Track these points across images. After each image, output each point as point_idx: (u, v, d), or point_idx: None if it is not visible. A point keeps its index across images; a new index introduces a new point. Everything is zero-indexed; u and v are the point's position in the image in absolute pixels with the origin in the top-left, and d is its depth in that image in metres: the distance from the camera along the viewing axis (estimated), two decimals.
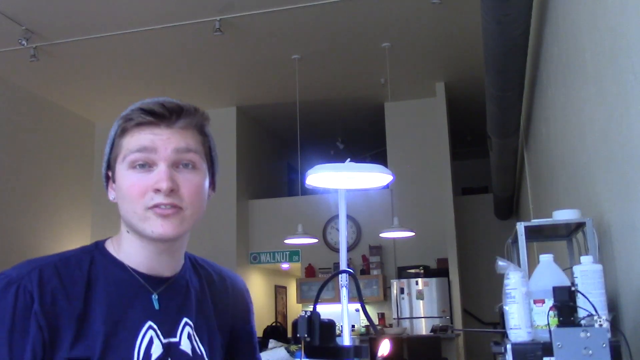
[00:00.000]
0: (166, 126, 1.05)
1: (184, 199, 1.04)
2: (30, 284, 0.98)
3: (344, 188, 1.11)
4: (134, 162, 1.04)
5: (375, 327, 1.01)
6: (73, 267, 1.05)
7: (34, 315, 0.97)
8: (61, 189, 8.56)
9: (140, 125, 1.05)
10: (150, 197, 1.03)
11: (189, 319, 1.12)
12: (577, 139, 2.69)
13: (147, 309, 1.07)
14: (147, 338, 1.04)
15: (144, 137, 1.04)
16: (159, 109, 1.05)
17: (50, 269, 1.02)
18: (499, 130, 5.62)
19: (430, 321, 7.95)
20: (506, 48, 3.84)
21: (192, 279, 1.17)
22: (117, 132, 1.08)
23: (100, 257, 1.09)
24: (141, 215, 1.03)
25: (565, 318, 1.32)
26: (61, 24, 6.38)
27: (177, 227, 1.04)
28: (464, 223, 9.02)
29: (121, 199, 1.06)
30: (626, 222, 1.81)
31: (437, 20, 6.59)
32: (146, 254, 1.08)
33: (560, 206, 2.89)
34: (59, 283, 1.01)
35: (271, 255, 9.17)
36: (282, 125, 9.96)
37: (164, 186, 1.02)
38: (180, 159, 1.05)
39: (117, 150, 1.07)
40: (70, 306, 1.00)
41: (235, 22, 6.45)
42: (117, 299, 1.04)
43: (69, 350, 0.98)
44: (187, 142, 1.06)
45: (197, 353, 1.10)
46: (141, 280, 1.08)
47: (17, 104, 7.89)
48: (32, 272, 1.00)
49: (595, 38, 2.12)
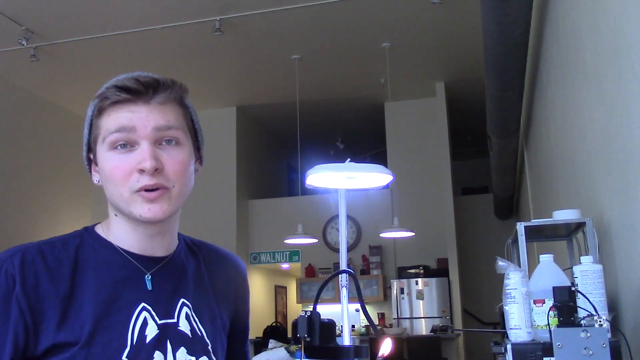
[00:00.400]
0: (144, 102, 1.02)
1: (170, 177, 1.01)
2: (12, 267, 0.96)
3: (344, 188, 1.11)
4: (114, 143, 1.00)
5: (376, 327, 1.01)
6: (59, 249, 1.02)
7: (15, 299, 0.95)
8: (61, 189, 8.56)
9: (116, 103, 1.01)
10: (136, 178, 0.99)
11: (186, 300, 1.09)
12: (577, 139, 2.69)
13: (140, 290, 1.04)
14: (141, 319, 1.01)
15: (121, 116, 1.01)
16: (134, 85, 1.01)
17: (34, 250, 1.00)
18: (499, 130, 5.62)
19: (430, 321, 7.95)
20: (506, 48, 3.84)
21: (188, 259, 1.14)
22: (93, 112, 1.05)
23: (89, 240, 1.06)
24: (127, 198, 1.00)
25: (565, 318, 1.32)
26: (61, 24, 6.38)
27: (165, 209, 1.01)
28: (464, 223, 9.02)
29: (105, 181, 1.03)
30: (626, 222, 1.81)
31: (437, 20, 6.59)
32: (137, 235, 1.06)
33: (560, 206, 2.89)
34: (43, 265, 0.98)
35: (271, 255, 9.17)
36: (282, 125, 9.96)
37: (148, 165, 0.98)
38: (162, 136, 1.02)
39: (96, 132, 1.04)
40: (55, 288, 0.97)
41: (235, 22, 6.45)
42: (107, 281, 1.02)
43: (55, 333, 0.95)
44: (167, 118, 1.02)
45: (196, 334, 1.07)
46: (133, 260, 1.05)
47: (17, 104, 7.89)
48: (15, 255, 0.98)
49: (595, 38, 2.12)
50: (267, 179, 10.20)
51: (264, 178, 10.08)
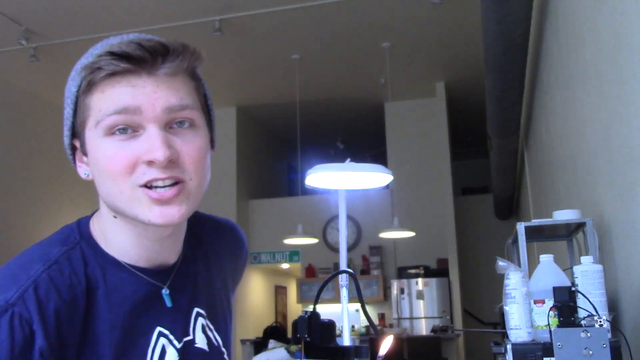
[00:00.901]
0: (148, 74, 0.78)
1: (186, 168, 0.80)
2: (27, 311, 0.73)
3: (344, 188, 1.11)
4: (111, 128, 0.77)
5: (376, 327, 1.01)
6: (67, 273, 0.80)
7: (38, 356, 0.72)
8: (62, 189, 8.56)
9: (112, 75, 0.77)
10: (142, 171, 0.77)
11: (200, 308, 0.93)
12: (577, 139, 2.69)
13: (156, 312, 0.86)
14: (159, 348, 0.85)
15: (120, 92, 0.77)
16: (135, 51, 0.77)
17: (45, 284, 0.77)
18: (499, 130, 5.62)
19: (430, 321, 7.96)
20: (506, 48, 3.84)
21: (194, 254, 0.96)
22: (80, 87, 0.80)
23: (89, 251, 0.84)
24: (130, 196, 0.78)
25: (565, 318, 1.32)
26: (61, 24, 6.37)
27: (183, 211, 0.80)
28: (464, 223, 9.02)
29: (99, 175, 0.81)
30: (626, 222, 1.81)
31: (437, 20, 6.58)
32: (143, 242, 0.84)
33: (561, 206, 2.89)
34: (61, 302, 0.76)
35: (271, 255, 9.17)
36: (282, 125, 9.95)
37: (160, 156, 0.76)
38: (173, 118, 0.79)
39: (84, 113, 0.80)
40: (74, 329, 0.77)
41: (235, 22, 6.45)
42: (120, 310, 0.82)
43: None
44: (179, 95, 0.80)
45: (213, 345, 0.93)
46: (144, 276, 0.85)
47: (17, 104, 7.89)
48: (26, 294, 0.74)
49: (595, 38, 2.12)
50: (267, 179, 10.20)
51: (264, 178, 10.08)
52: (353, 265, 8.66)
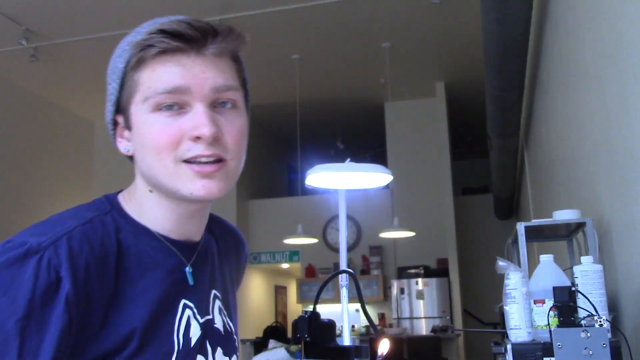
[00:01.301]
0: (196, 53, 0.81)
1: (228, 147, 0.83)
2: (57, 258, 0.74)
3: (344, 188, 1.11)
4: (159, 104, 0.81)
5: (376, 327, 1.01)
6: (100, 232, 0.81)
7: (64, 302, 0.73)
8: (61, 188, 8.56)
9: (162, 54, 0.81)
10: (187, 147, 0.80)
11: (217, 291, 0.95)
12: (577, 139, 2.69)
13: (181, 285, 0.87)
14: (185, 319, 0.86)
15: (171, 71, 0.80)
16: (187, 30, 0.80)
17: (79, 236, 0.78)
18: (499, 130, 5.62)
19: (430, 321, 7.96)
20: (506, 48, 3.84)
21: (210, 242, 0.98)
22: (129, 63, 0.83)
23: (121, 221, 0.85)
24: (172, 170, 0.81)
25: (565, 318, 1.32)
26: (61, 24, 6.38)
27: (222, 186, 0.83)
28: (464, 223, 9.02)
29: (142, 150, 0.83)
30: (626, 222, 1.81)
31: (437, 20, 6.59)
32: (175, 217, 0.87)
33: (561, 206, 2.88)
34: (92, 256, 0.77)
35: (271, 255, 9.17)
36: (282, 125, 9.95)
37: (207, 131, 0.79)
38: (218, 98, 0.83)
39: (131, 89, 0.83)
40: (102, 285, 0.78)
41: (235, 22, 6.45)
42: (152, 275, 0.83)
43: (95, 344, 0.76)
44: (225, 77, 0.83)
45: (227, 330, 0.95)
46: (173, 248, 0.87)
47: (17, 104, 7.89)
48: (59, 242, 0.75)
49: (596, 38, 2.12)
50: (267, 179, 10.20)
51: (264, 178, 10.08)
52: (353, 265, 8.66)
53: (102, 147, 9.25)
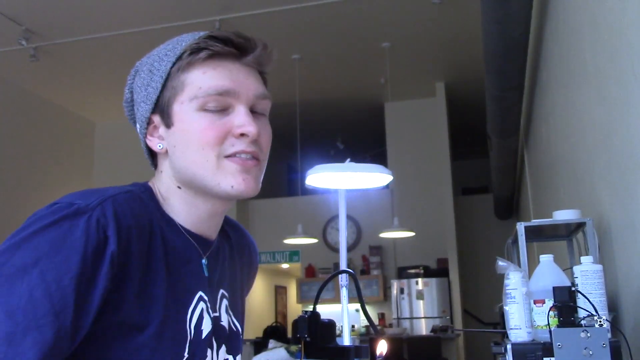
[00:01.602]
0: (240, 61, 0.89)
1: (263, 149, 0.90)
2: (104, 217, 0.78)
3: (344, 188, 1.11)
4: (206, 104, 0.86)
5: (376, 327, 1.01)
6: (139, 204, 0.85)
7: (109, 260, 0.76)
8: (61, 188, 8.55)
9: (211, 58, 0.87)
10: (231, 143, 0.86)
11: (225, 291, 0.98)
12: (577, 139, 2.69)
13: (198, 277, 0.90)
14: (198, 311, 0.88)
15: (221, 74, 0.87)
16: (237, 38, 0.87)
17: (123, 201, 0.82)
18: (499, 130, 5.62)
19: (430, 321, 7.95)
20: (506, 48, 3.84)
21: (223, 242, 1.01)
22: (175, 64, 0.88)
23: (151, 204, 0.89)
24: (215, 165, 0.86)
25: (565, 318, 1.32)
26: (61, 24, 6.37)
27: (255, 185, 0.90)
28: (464, 223, 9.02)
29: (185, 145, 0.87)
30: (626, 222, 1.81)
31: (437, 20, 6.58)
32: (198, 214, 0.91)
33: (561, 206, 2.89)
34: (133, 220, 0.81)
35: (271, 255, 9.17)
36: (282, 125, 9.93)
37: (253, 130, 0.86)
38: (256, 105, 0.90)
39: (176, 88, 0.88)
40: (140, 253, 0.81)
41: (235, 22, 6.45)
42: (175, 261, 0.87)
43: (129, 309, 0.79)
44: (262, 86, 0.91)
45: (232, 329, 0.97)
46: (192, 241, 0.91)
47: (17, 104, 7.89)
48: (106, 202, 0.79)
49: (596, 38, 2.12)
50: (267, 179, 10.06)
51: (264, 178, 10.00)
52: (353, 265, 8.66)
53: (102, 147, 9.25)
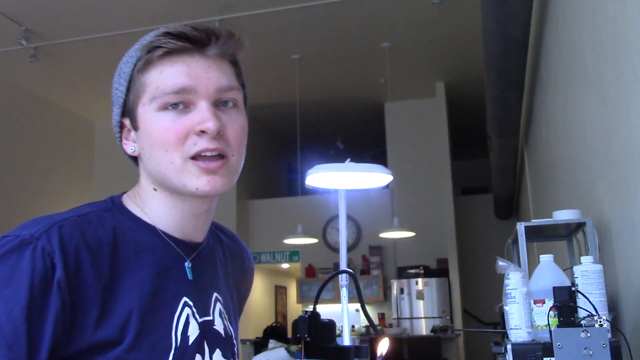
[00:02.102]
0: (200, 54, 0.86)
1: (230, 143, 0.87)
2: (50, 245, 0.77)
3: (344, 188, 1.11)
4: (167, 104, 0.85)
5: (376, 327, 1.01)
6: (95, 224, 0.84)
7: (56, 287, 0.76)
8: (61, 189, 8.56)
9: (169, 55, 0.85)
10: (193, 141, 0.84)
11: (219, 294, 0.96)
12: (577, 139, 2.69)
13: (181, 281, 0.89)
14: (184, 317, 0.87)
15: (177, 71, 0.85)
16: (192, 32, 0.85)
17: (70, 225, 0.81)
18: (499, 130, 5.62)
19: (430, 321, 7.95)
20: (506, 48, 3.84)
21: (215, 245, 1.01)
22: (135, 66, 0.87)
23: (122, 218, 0.88)
24: (180, 166, 0.85)
25: (565, 318, 1.32)
26: (61, 24, 6.37)
27: (226, 182, 0.87)
28: (464, 223, 9.02)
29: (150, 148, 0.86)
30: (626, 222, 1.81)
31: (437, 20, 6.58)
32: (180, 215, 0.90)
33: (561, 206, 2.88)
34: (84, 244, 0.80)
35: (271, 255, 9.17)
36: (282, 125, 9.95)
37: (212, 126, 0.83)
38: (221, 98, 0.87)
39: (138, 91, 0.87)
40: (97, 275, 0.80)
41: (235, 22, 6.45)
42: (150, 269, 0.86)
43: (92, 332, 0.78)
44: (227, 77, 0.88)
45: (227, 333, 0.96)
46: (174, 245, 0.90)
47: (17, 104, 7.89)
48: (51, 230, 0.79)
49: (595, 38, 2.12)
50: (267, 179, 10.20)
51: (264, 178, 10.08)
52: (353, 265, 8.66)
53: (102, 147, 9.24)
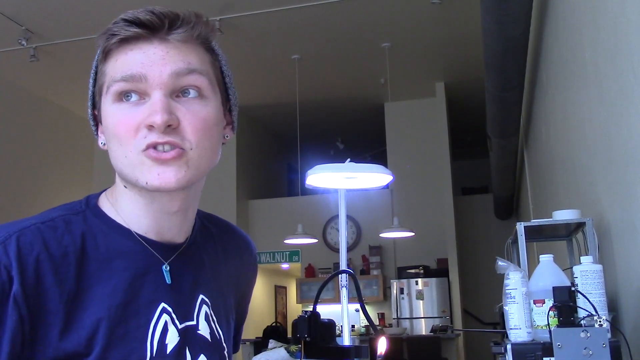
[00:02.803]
0: (159, 41, 0.80)
1: (187, 136, 0.80)
2: (6, 257, 0.73)
3: (344, 188, 1.11)
4: (119, 94, 0.80)
5: (375, 327, 1.01)
6: (61, 232, 0.80)
7: (12, 301, 0.72)
8: (61, 189, 8.56)
9: (125, 42, 0.80)
10: (143, 135, 0.78)
11: (205, 296, 0.91)
12: (577, 139, 2.69)
13: (159, 286, 0.84)
14: (161, 325, 0.83)
15: (131, 58, 0.79)
16: (147, 16, 0.79)
17: (31, 234, 0.77)
18: (499, 130, 5.62)
19: (430, 321, 7.95)
20: (506, 48, 3.84)
21: (204, 241, 0.96)
22: (99, 56, 0.83)
23: (94, 220, 0.84)
24: (133, 160, 0.79)
25: (565, 318, 1.32)
26: (61, 24, 6.38)
27: (179, 175, 0.79)
28: (464, 223, 9.02)
29: (109, 141, 0.83)
30: (626, 222, 1.81)
31: (437, 20, 6.59)
32: (152, 214, 0.85)
33: (560, 206, 2.88)
34: (45, 254, 0.76)
35: (271, 255, 9.17)
36: (282, 125, 9.95)
37: (158, 119, 0.77)
38: (180, 85, 0.81)
39: (100, 81, 0.83)
40: (60, 285, 0.76)
41: (235, 22, 6.45)
42: (122, 276, 0.81)
43: (56, 344, 0.75)
44: (188, 60, 0.81)
45: (215, 337, 0.91)
46: (150, 248, 0.85)
47: (17, 104, 7.89)
48: (8, 241, 0.75)
49: (595, 38, 2.12)
50: (267, 179, 10.20)
51: (264, 178, 10.08)
52: (353, 265, 8.66)
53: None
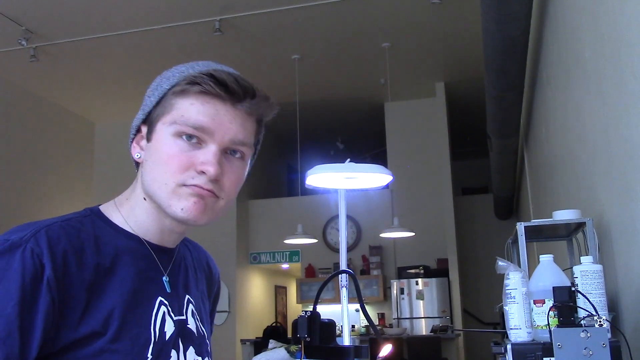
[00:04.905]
0: (231, 105, 0.93)
1: (224, 189, 0.94)
2: (38, 247, 0.83)
3: (344, 188, 1.11)
4: (182, 133, 0.92)
5: (375, 327, 1.01)
6: (78, 229, 0.91)
7: (46, 285, 0.82)
8: (61, 189, 8.56)
9: (205, 93, 0.92)
10: (191, 175, 0.91)
11: (190, 297, 1.04)
12: (577, 139, 2.69)
13: (157, 283, 0.97)
14: (161, 314, 0.95)
15: (206, 110, 0.92)
16: (233, 84, 0.92)
17: (57, 228, 0.88)
18: (499, 130, 5.62)
19: (430, 321, 7.96)
20: (506, 48, 3.84)
21: (185, 254, 1.09)
22: (173, 88, 0.95)
23: (100, 223, 0.95)
24: (172, 189, 0.92)
25: (565, 318, 1.32)
26: (61, 24, 6.37)
27: (208, 215, 0.93)
28: (464, 223, 9.02)
29: (153, 163, 0.94)
30: (626, 222, 1.81)
31: (437, 20, 6.58)
32: (160, 228, 0.98)
33: (560, 206, 2.88)
34: (69, 244, 0.87)
35: (271, 255, 9.17)
36: (282, 125, 9.94)
37: (213, 171, 0.90)
38: (231, 147, 0.94)
39: (166, 108, 0.94)
40: (81, 274, 0.87)
41: (235, 22, 6.45)
42: (130, 270, 0.93)
43: (76, 328, 0.84)
44: (245, 133, 0.95)
45: (200, 333, 1.03)
46: (151, 251, 0.98)
47: (17, 104, 7.89)
48: (39, 234, 0.85)
49: (596, 37, 2.12)
50: (267, 179, 10.20)
51: (264, 178, 10.08)
52: (353, 265, 8.66)
53: (102, 147, 9.24)
